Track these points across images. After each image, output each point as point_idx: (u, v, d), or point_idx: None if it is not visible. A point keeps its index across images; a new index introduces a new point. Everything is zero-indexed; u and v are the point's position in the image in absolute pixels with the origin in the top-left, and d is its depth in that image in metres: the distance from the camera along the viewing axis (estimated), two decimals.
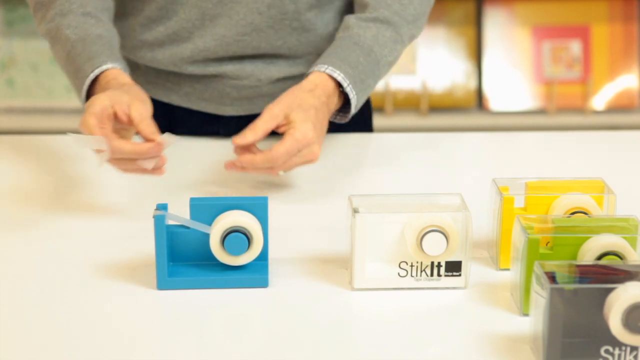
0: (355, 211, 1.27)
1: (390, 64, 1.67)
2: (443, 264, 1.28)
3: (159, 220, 1.26)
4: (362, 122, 1.86)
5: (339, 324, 1.22)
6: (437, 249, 1.26)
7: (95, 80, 1.58)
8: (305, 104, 1.53)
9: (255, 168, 1.50)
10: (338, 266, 1.34)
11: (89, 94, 1.59)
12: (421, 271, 1.28)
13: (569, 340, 1.10)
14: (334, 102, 1.60)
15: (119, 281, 1.30)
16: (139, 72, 1.77)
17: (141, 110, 1.48)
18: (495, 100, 3.16)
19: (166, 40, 1.72)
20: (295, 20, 1.69)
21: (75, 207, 1.55)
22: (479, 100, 3.18)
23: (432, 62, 3.17)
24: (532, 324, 1.14)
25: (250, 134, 1.50)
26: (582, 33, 3.18)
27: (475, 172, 1.70)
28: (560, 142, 1.90)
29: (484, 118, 3.14)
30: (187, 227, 1.29)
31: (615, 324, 1.08)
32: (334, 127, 1.76)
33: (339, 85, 1.59)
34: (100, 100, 1.47)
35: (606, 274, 1.12)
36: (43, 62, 3.14)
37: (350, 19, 1.66)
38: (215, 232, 1.27)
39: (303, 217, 1.51)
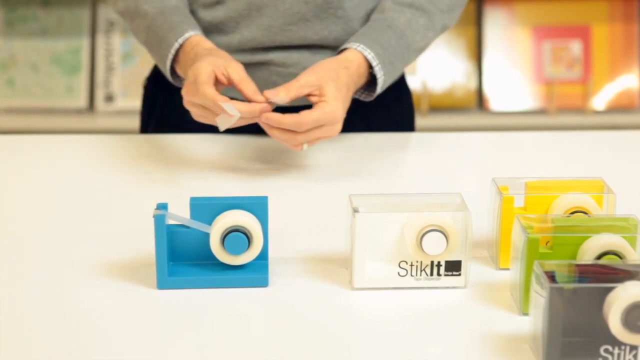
0: (355, 211, 1.27)
1: (420, 50, 1.73)
2: (443, 263, 1.28)
3: (159, 220, 1.26)
4: (402, 122, 1.89)
5: (339, 323, 1.22)
6: (437, 249, 1.26)
7: (179, 49, 1.66)
8: (340, 80, 1.58)
9: (280, 124, 1.54)
10: (338, 266, 1.34)
11: (174, 63, 1.68)
12: (421, 271, 1.28)
13: (568, 340, 1.10)
14: (362, 82, 1.66)
15: (119, 281, 1.30)
16: None
17: (238, 71, 1.58)
18: (496, 100, 3.16)
19: (214, 30, 1.74)
20: (339, 9, 1.71)
21: (75, 207, 1.55)
22: (479, 101, 3.18)
23: (432, 62, 3.16)
24: (531, 323, 1.14)
25: (283, 92, 1.56)
26: (582, 33, 3.18)
27: (475, 172, 1.70)
28: (561, 142, 1.90)
29: (484, 118, 3.14)
30: (187, 227, 1.29)
31: (614, 324, 1.08)
32: (379, 127, 1.81)
33: (369, 64, 1.65)
34: (203, 69, 1.55)
35: (606, 273, 1.12)
36: (43, 62, 3.14)
37: (386, 2, 1.71)
38: (215, 232, 1.27)
39: (303, 217, 1.51)
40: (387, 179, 1.67)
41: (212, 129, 1.62)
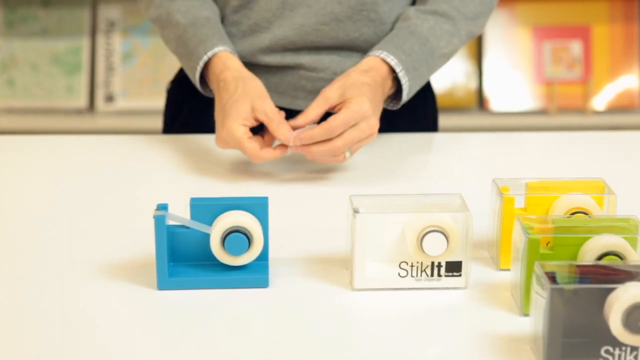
0: (355, 211, 1.27)
1: (446, 57, 1.73)
2: (443, 264, 1.28)
3: (159, 220, 1.25)
4: (425, 121, 1.90)
5: (339, 324, 1.22)
6: (437, 249, 1.26)
7: (208, 62, 1.67)
8: (358, 82, 1.58)
9: (313, 138, 1.55)
10: (338, 266, 1.33)
11: (204, 73, 1.70)
12: (421, 271, 1.28)
13: (569, 341, 1.10)
14: (388, 86, 1.66)
15: (119, 281, 1.30)
16: None
17: (265, 111, 1.58)
18: (496, 100, 3.16)
19: (247, 31, 1.74)
20: (372, 12, 1.72)
21: (75, 207, 1.55)
22: (480, 101, 3.18)
23: None
24: (532, 324, 1.14)
25: (302, 117, 1.57)
26: (582, 33, 3.18)
27: (475, 172, 1.70)
28: (561, 142, 1.90)
29: (485, 118, 3.14)
30: (188, 227, 1.29)
31: (615, 324, 1.08)
32: (402, 128, 1.81)
33: (392, 70, 1.64)
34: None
35: (606, 274, 1.12)
36: (43, 62, 3.14)
37: (410, 10, 1.72)
38: (216, 232, 1.27)
39: (303, 217, 1.51)
40: (388, 179, 1.66)
41: None
